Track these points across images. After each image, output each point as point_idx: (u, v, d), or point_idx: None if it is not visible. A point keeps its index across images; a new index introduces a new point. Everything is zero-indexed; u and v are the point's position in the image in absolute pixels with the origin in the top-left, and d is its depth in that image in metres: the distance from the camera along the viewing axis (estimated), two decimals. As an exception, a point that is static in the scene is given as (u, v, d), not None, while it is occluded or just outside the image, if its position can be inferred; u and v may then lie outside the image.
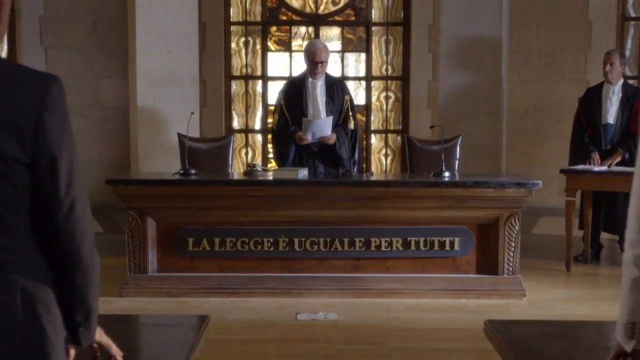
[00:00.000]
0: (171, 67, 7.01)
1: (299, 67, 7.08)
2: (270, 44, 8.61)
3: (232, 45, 8.54)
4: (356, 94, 8.29)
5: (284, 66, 8.55)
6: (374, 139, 8.66)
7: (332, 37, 8.59)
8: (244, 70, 8.60)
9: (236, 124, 8.62)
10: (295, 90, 5.81)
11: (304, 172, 5.37)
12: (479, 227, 5.24)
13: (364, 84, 8.61)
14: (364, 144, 8.01)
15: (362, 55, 8.59)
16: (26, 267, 1.53)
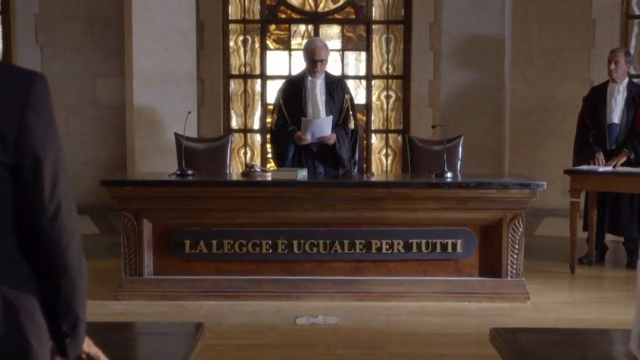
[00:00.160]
0: (168, 66, 6.95)
1: (298, 65, 7.04)
2: (269, 43, 8.57)
3: (231, 43, 8.51)
4: (356, 93, 8.26)
5: (283, 65, 8.52)
6: (375, 139, 8.63)
7: (332, 35, 8.55)
8: (243, 69, 8.56)
9: (235, 123, 8.59)
10: (294, 89, 5.75)
11: (303, 173, 5.31)
12: (482, 229, 5.17)
13: (364, 83, 8.57)
14: (364, 143, 7.99)
15: (363, 53, 8.54)
16: (8, 275, 1.46)
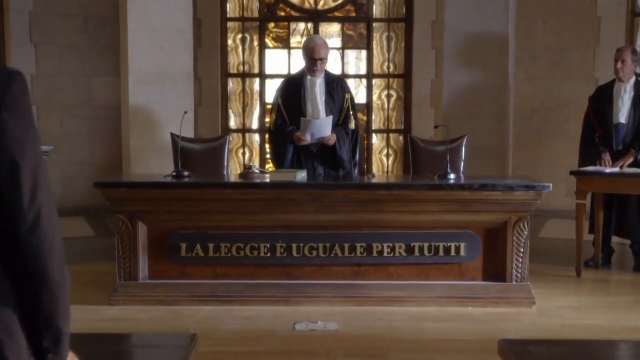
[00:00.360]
0: (164, 65, 6.86)
1: (298, 64, 6.99)
2: (267, 41, 8.51)
3: (229, 42, 8.46)
4: (357, 92, 8.23)
5: (282, 63, 8.46)
6: (375, 139, 8.60)
7: (331, 33, 8.50)
8: (241, 67, 8.50)
9: (233, 123, 8.56)
10: (293, 88, 5.66)
11: (302, 174, 5.22)
12: (486, 232, 5.06)
13: (364, 81, 8.51)
14: (364, 144, 7.93)
15: (363, 52, 8.49)
16: (-16, 288, 1.39)
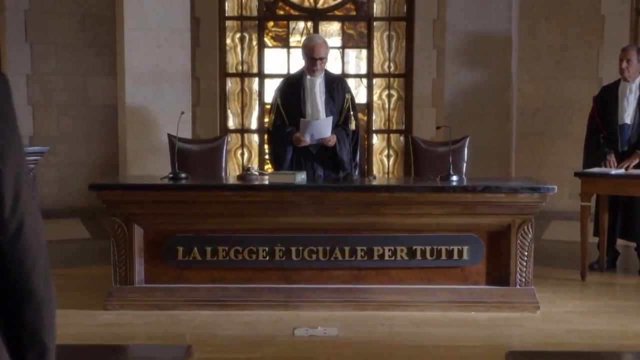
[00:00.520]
0: (161, 64, 6.76)
1: (297, 64, 6.93)
2: (267, 40, 8.47)
3: (227, 41, 8.42)
4: (357, 92, 8.20)
5: (281, 63, 8.42)
6: (376, 139, 8.57)
7: (331, 32, 8.46)
8: (240, 67, 8.46)
9: (231, 123, 8.50)
10: (292, 88, 5.57)
11: (301, 176, 5.12)
12: (489, 235, 4.97)
13: (365, 81, 8.47)
14: (365, 144, 7.86)
15: (363, 51, 8.45)
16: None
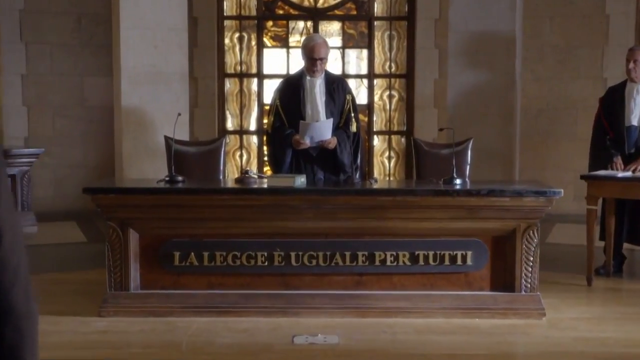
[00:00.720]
0: (158, 65, 6.71)
1: (297, 64, 6.86)
2: (266, 40, 8.41)
3: (226, 41, 8.36)
4: (358, 93, 8.17)
5: (280, 63, 8.37)
6: (377, 141, 8.53)
7: (332, 32, 8.41)
8: (238, 67, 8.40)
9: (230, 124, 8.46)
10: (292, 89, 5.48)
11: (301, 180, 5.03)
12: (493, 240, 4.87)
13: (365, 82, 8.41)
14: (365, 145, 7.79)
15: (364, 51, 8.40)
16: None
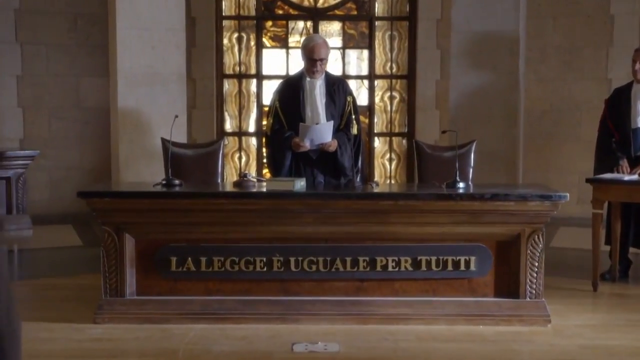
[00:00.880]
0: (155, 65, 6.61)
1: (296, 65, 6.82)
2: (265, 40, 8.34)
3: (224, 41, 8.28)
4: (358, 94, 8.10)
5: (280, 64, 8.30)
6: (378, 143, 8.45)
7: (332, 32, 8.34)
8: (237, 68, 8.31)
9: (229, 126, 8.39)
10: (291, 90, 5.38)
11: (301, 183, 4.92)
12: (497, 245, 4.77)
13: (366, 83, 8.34)
14: (366, 147, 7.71)
15: (365, 52, 8.32)
16: None
